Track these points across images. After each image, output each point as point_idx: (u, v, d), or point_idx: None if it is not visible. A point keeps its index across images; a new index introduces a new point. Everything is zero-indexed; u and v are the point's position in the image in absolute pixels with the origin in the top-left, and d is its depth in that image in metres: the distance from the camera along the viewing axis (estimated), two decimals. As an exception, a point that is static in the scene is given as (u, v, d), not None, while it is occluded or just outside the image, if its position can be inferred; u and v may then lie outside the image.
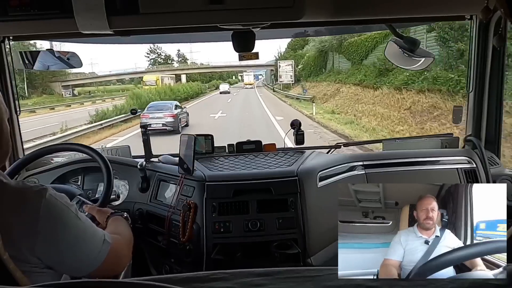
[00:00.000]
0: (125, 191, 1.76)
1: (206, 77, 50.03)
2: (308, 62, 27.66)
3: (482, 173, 1.76)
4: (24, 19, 1.16)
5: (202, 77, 48.45)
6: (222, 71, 49.84)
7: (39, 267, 0.83)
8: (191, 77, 45.43)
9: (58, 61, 1.71)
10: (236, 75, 62.26)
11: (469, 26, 1.77)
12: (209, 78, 50.74)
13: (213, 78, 52.15)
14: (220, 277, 0.51)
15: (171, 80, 38.03)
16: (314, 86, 23.85)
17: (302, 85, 26.31)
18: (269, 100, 25.28)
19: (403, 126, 11.38)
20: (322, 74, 24.50)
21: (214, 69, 45.99)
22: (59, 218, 0.84)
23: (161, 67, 46.28)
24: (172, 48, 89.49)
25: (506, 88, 1.78)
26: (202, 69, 46.95)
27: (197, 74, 47.29)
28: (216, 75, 53.82)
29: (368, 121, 12.96)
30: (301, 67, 29.28)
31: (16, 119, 1.78)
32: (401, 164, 1.77)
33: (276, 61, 36.28)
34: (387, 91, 13.37)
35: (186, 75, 43.36)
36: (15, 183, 0.84)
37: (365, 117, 13.61)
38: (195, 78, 45.62)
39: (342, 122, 13.51)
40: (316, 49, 25.31)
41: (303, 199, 1.52)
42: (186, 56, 56.93)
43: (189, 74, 45.29)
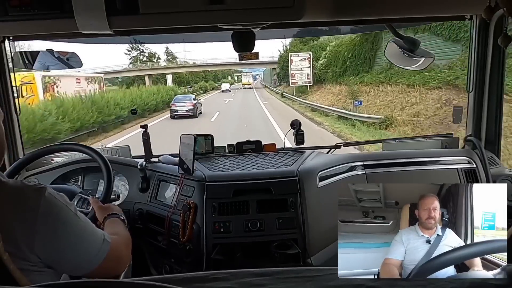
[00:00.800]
0: (125, 191, 1.76)
1: (199, 77, 46.45)
2: (338, 54, 18.87)
3: (482, 173, 1.76)
4: (24, 19, 1.16)
5: (195, 77, 44.79)
6: (215, 70, 46.70)
7: (38, 266, 0.83)
8: (181, 77, 41.31)
9: (58, 61, 1.71)
10: (233, 75, 59.42)
11: (469, 26, 1.77)
12: (203, 79, 46.91)
13: (207, 78, 48.46)
14: (220, 277, 0.51)
15: (96, 84, 19.96)
16: (359, 93, 15.27)
17: (352, 91, 15.84)
18: (279, 113, 16.01)
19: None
20: (371, 70, 15.58)
21: (205, 68, 40.36)
22: (58, 216, 0.85)
23: (142, 66, 38.09)
24: (161, 45, 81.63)
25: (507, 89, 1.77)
26: (192, 68, 41.10)
27: (189, 74, 43.13)
28: (210, 75, 50.51)
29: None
30: (323, 61, 20.59)
31: (16, 119, 1.78)
32: (401, 164, 1.77)
33: (281, 57, 28.85)
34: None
35: (173, 76, 38.23)
36: (13, 182, 0.84)
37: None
38: (185, 79, 41.91)
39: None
40: (358, 33, 15.48)
41: (303, 199, 1.52)
42: (177, 55, 49.16)
43: (179, 75, 40.50)
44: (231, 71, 56.68)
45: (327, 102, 17.12)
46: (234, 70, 53.04)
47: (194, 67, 40.94)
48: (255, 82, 50.99)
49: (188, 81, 42.59)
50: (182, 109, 16.99)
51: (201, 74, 46.57)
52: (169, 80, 36.22)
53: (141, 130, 1.75)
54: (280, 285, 0.49)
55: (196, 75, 45.24)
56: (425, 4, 1.30)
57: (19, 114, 1.79)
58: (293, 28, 1.65)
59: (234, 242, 1.49)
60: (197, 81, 44.42)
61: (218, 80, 53.25)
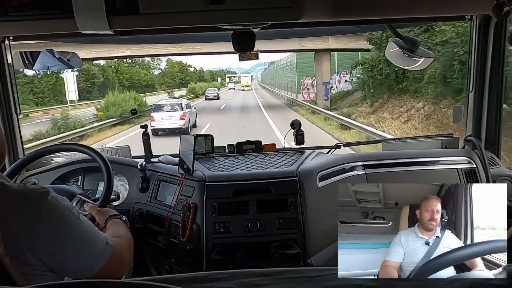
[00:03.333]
0: (125, 191, 1.76)
1: (175, 79, 34.74)
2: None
3: (482, 173, 1.76)
4: (24, 19, 1.16)
5: (176, 80, 32.87)
6: (200, 71, 38.30)
7: (40, 270, 0.83)
8: (171, 81, 30.61)
9: (58, 62, 1.70)
10: (223, 76, 55.41)
11: (469, 26, 1.77)
12: (182, 81, 35.63)
13: (185, 81, 36.18)
14: (220, 277, 0.51)
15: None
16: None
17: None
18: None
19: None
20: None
21: (171, 54, 25.97)
22: (61, 220, 0.85)
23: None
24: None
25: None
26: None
27: (176, 72, 32.53)
28: (194, 76, 40.93)
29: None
30: (364, 69, 14.13)
31: (16, 119, 1.78)
32: (401, 164, 1.77)
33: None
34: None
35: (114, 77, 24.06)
36: (16, 186, 0.84)
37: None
38: (144, 80, 29.94)
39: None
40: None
41: (303, 199, 1.52)
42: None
43: (130, 75, 26.15)
44: (223, 72, 52.15)
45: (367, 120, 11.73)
46: (226, 70, 47.89)
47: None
48: (252, 83, 49.96)
49: (153, 85, 29.71)
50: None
51: (178, 74, 34.68)
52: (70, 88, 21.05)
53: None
54: (280, 285, 0.49)
55: (179, 78, 33.32)
56: (425, 4, 1.30)
57: (19, 114, 1.79)
58: (293, 28, 1.64)
59: (234, 242, 1.49)
60: (171, 83, 31.24)
61: (204, 81, 42.91)
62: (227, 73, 54.72)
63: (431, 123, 9.80)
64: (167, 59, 36.17)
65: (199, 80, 39.70)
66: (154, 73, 33.97)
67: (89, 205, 1.30)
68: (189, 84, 34.64)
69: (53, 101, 23.93)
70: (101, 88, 26.75)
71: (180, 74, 36.05)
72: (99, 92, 26.80)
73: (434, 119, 9.88)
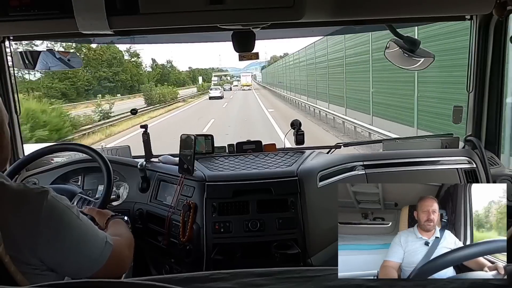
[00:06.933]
0: (125, 191, 1.76)
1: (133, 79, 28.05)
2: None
3: (482, 173, 1.76)
4: (24, 19, 1.16)
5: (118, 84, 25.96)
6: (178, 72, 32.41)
7: (40, 269, 0.83)
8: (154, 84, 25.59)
9: (59, 62, 1.70)
10: (210, 75, 48.15)
11: (469, 26, 1.77)
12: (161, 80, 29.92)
13: (166, 80, 30.77)
14: (220, 277, 0.51)
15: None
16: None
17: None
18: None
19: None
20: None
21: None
22: (61, 220, 0.85)
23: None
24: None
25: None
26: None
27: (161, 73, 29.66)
28: (181, 78, 36.47)
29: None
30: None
31: (16, 119, 1.78)
32: (401, 164, 1.77)
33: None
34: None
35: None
36: (16, 185, 0.84)
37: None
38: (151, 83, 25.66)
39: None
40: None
41: (303, 199, 1.52)
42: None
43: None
44: (209, 71, 42.48)
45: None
46: (217, 68, 39.62)
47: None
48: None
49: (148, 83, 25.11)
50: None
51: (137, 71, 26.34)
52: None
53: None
54: (280, 285, 0.49)
55: (168, 79, 28.05)
56: (425, 4, 1.30)
57: (19, 114, 1.79)
58: (293, 28, 1.64)
59: (234, 242, 1.49)
60: (134, 86, 25.97)
61: (181, 84, 35.57)
62: (215, 71, 45.04)
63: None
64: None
65: (159, 82, 31.38)
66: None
67: (88, 208, 1.30)
68: (142, 85, 28.99)
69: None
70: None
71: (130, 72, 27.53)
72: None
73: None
